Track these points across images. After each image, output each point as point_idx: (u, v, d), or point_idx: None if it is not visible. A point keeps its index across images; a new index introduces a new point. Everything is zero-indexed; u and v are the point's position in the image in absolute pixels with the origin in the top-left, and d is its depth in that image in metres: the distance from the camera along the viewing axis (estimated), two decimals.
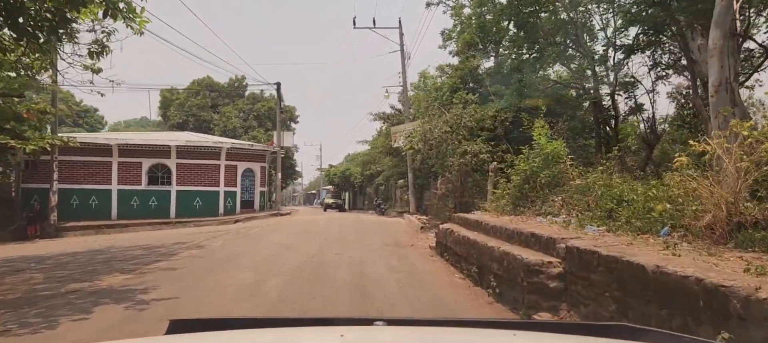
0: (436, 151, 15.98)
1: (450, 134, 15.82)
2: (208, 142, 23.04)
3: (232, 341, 1.52)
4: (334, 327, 1.60)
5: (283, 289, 6.85)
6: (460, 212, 16.09)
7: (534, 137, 9.32)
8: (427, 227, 16.35)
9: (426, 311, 5.84)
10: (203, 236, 15.65)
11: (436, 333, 1.64)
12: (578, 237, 5.27)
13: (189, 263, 9.37)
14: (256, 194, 24.98)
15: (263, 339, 1.50)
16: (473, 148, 15.26)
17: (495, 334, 1.59)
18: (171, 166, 22.43)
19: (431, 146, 15.99)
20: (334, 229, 16.69)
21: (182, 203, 22.48)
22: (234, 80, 39.03)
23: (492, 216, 9.44)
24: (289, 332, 1.61)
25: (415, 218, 21.29)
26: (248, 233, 16.16)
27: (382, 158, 29.37)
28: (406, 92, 24.54)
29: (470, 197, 15.97)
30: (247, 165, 24.43)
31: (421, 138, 16.27)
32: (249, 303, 6.08)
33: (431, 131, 15.80)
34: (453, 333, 1.66)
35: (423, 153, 16.53)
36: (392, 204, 34.30)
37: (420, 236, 14.63)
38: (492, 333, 1.62)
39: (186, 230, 18.96)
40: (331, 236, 14.40)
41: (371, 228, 17.42)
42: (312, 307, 5.89)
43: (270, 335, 1.54)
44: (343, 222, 20.51)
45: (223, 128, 35.64)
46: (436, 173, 22.66)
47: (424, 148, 16.21)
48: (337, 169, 46.94)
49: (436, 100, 21.05)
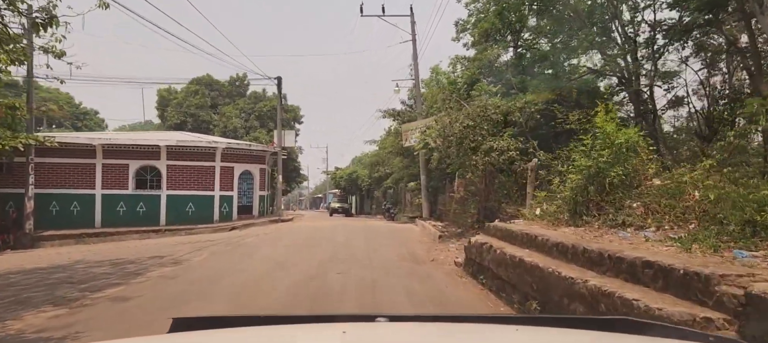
0: (457, 148, 13.82)
1: (472, 129, 13.66)
2: (202, 142, 21.04)
3: (235, 338, 1.50)
4: (336, 324, 1.56)
5: None
6: (484, 218, 13.94)
7: (597, 125, 7.14)
8: (446, 235, 14.20)
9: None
10: (190, 247, 13.63)
11: (438, 329, 1.63)
12: (750, 275, 3.10)
13: (150, 290, 7.29)
14: (254, 199, 22.94)
15: (266, 336, 1.49)
16: (500, 145, 13.10)
17: (497, 329, 1.57)
18: (161, 169, 20.45)
19: (451, 143, 13.84)
20: (339, 238, 14.58)
21: (173, 208, 20.48)
22: (235, 78, 37.12)
23: (543, 227, 7.28)
24: (292, 329, 1.60)
25: (429, 224, 19.14)
26: (241, 243, 14.10)
27: (391, 159, 27.26)
28: (418, 86, 22.41)
29: (496, 201, 13.80)
30: (244, 167, 22.40)
31: (440, 133, 14.11)
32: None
33: (451, 125, 13.65)
34: (455, 329, 1.65)
35: (440, 151, 14.39)
36: (402, 208, 32.14)
37: (439, 248, 12.48)
38: (494, 328, 1.59)
39: (174, 240, 16.95)
40: (335, 247, 12.29)
41: (381, 237, 15.29)
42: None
43: (272, 332, 1.54)
44: (349, 229, 18.41)
45: (223, 129, 33.70)
46: (452, 174, 20.60)
47: (443, 145, 14.06)
48: (343, 172, 44.87)
49: (453, 92, 18.95)
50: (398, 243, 13.55)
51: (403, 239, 14.77)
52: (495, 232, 8.20)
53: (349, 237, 15.11)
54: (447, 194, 21.09)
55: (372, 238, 14.86)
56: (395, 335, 1.48)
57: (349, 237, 15.11)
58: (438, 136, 14.12)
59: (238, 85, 37.23)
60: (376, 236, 15.43)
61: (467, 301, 6.57)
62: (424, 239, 14.96)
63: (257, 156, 23.06)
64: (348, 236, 15.28)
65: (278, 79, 23.01)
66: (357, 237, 15.18)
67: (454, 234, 14.31)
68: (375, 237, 15.11)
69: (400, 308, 6.03)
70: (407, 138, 23.19)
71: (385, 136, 31.09)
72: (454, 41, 23.02)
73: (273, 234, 16.82)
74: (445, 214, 20.39)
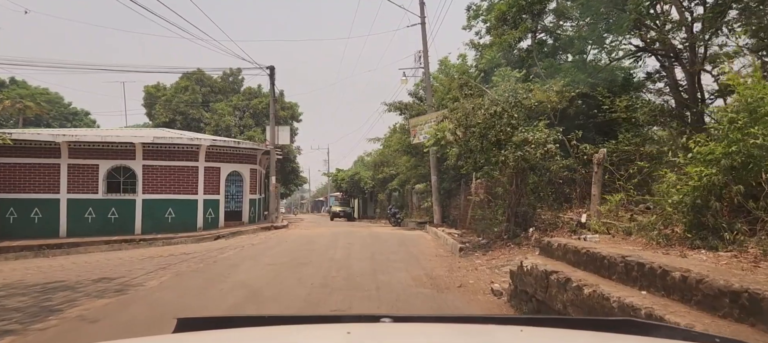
0: (480, 141, 11.26)
1: (499, 118, 11.11)
2: (183, 139, 18.54)
3: (240, 338, 1.49)
4: (341, 324, 1.57)
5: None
6: (515, 226, 11.37)
7: (737, 91, 4.57)
8: (468, 247, 11.64)
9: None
10: (157, 263, 11.16)
11: (442, 330, 1.62)
12: None
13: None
14: (244, 203, 20.42)
15: (270, 337, 1.48)
16: (537, 137, 10.55)
17: (502, 330, 1.56)
18: (136, 170, 17.97)
19: (472, 135, 11.28)
20: (338, 253, 12.04)
21: (150, 215, 17.99)
22: (228, 74, 34.67)
23: (645, 249, 4.71)
24: (297, 330, 1.59)
25: (442, 231, 16.59)
26: (219, 258, 11.59)
27: (397, 158, 24.72)
28: (428, 74, 19.87)
29: (529, 205, 11.23)
30: (233, 167, 19.89)
31: (460, 123, 11.54)
32: None
33: (474, 113, 11.10)
34: (460, 329, 1.64)
35: (460, 145, 11.82)
36: (408, 212, 29.57)
37: (463, 265, 9.92)
38: (499, 329, 1.58)
39: (147, 252, 14.46)
40: (332, 266, 9.75)
41: (389, 249, 12.75)
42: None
43: (277, 333, 1.53)
44: (351, 239, 15.87)
45: (215, 127, 31.24)
46: (468, 174, 18.09)
47: (462, 138, 11.49)
48: (345, 174, 42.31)
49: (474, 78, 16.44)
50: (410, 258, 11.01)
51: (416, 252, 12.22)
52: (562, 253, 5.62)
53: (350, 250, 12.57)
54: (462, 196, 18.53)
55: (378, 251, 12.31)
56: (400, 335, 1.46)
57: (350, 250, 12.57)
58: (457, 127, 11.55)
59: (232, 80, 34.79)
60: (383, 249, 12.88)
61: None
62: (441, 252, 12.39)
63: (247, 155, 20.55)
64: (349, 249, 12.74)
65: (271, 69, 20.54)
66: (360, 250, 12.63)
67: (477, 246, 11.75)
68: (381, 250, 12.56)
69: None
70: (416, 134, 20.66)
71: (390, 134, 28.56)
72: (466, 29, 20.47)
73: (261, 245, 14.29)
74: (461, 219, 17.83)
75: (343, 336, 1.35)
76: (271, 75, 20.52)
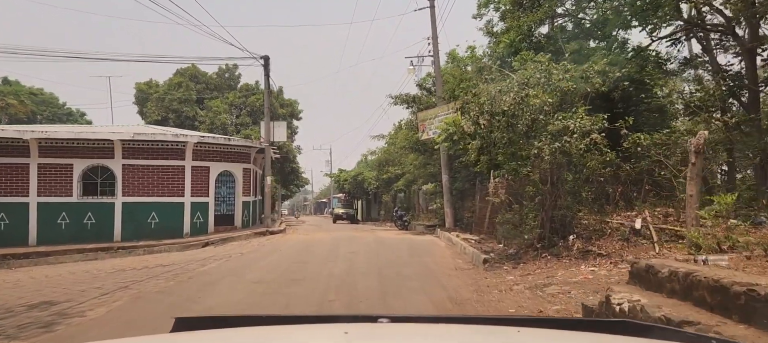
0: (508, 132, 9.37)
1: (527, 104, 9.23)
2: (167, 135, 16.73)
3: (238, 338, 1.48)
4: (338, 324, 1.56)
5: None
6: (551, 232, 9.47)
7: None
8: (493, 258, 9.74)
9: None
10: (120, 279, 9.36)
11: (440, 330, 1.61)
12: None
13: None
14: (237, 206, 18.58)
15: (267, 336, 1.47)
16: (578, 125, 8.66)
17: (499, 330, 1.55)
18: (115, 170, 16.17)
19: (498, 124, 9.38)
20: (339, 264, 10.18)
21: (131, 220, 16.19)
22: (224, 70, 32.91)
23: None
24: (294, 330, 1.58)
25: (457, 237, 14.72)
26: (199, 272, 9.77)
27: (403, 157, 22.84)
28: (438, 63, 17.99)
29: (568, 208, 9.32)
30: (224, 167, 18.07)
31: (482, 111, 9.63)
32: None
33: (501, 97, 9.21)
34: (457, 330, 1.64)
35: (482, 137, 9.92)
36: (415, 215, 27.70)
37: (491, 281, 8.04)
38: (496, 329, 1.57)
39: (122, 263, 12.68)
40: (330, 285, 7.89)
41: (399, 259, 10.88)
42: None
43: (274, 333, 1.52)
44: (354, 245, 14.02)
45: (210, 125, 29.47)
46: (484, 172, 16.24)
47: (487, 127, 9.57)
48: (347, 174, 40.45)
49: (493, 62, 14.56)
50: (426, 273, 9.13)
51: (431, 264, 10.35)
52: (683, 286, 3.67)
53: (352, 261, 10.71)
54: (477, 198, 16.64)
55: (386, 263, 10.44)
56: (397, 335, 1.46)
57: (352, 261, 10.71)
58: (479, 115, 9.64)
59: (228, 77, 33.03)
60: (392, 259, 11.01)
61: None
62: (460, 263, 10.51)
63: (240, 153, 18.72)
64: (351, 260, 10.87)
65: (265, 59, 18.70)
66: (364, 261, 10.77)
67: (505, 256, 9.86)
68: (390, 261, 10.69)
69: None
70: (424, 129, 18.80)
71: (395, 131, 26.71)
72: (476, 18, 18.62)
73: (251, 255, 12.45)
74: (478, 224, 15.95)
75: (340, 336, 1.32)
76: (266, 65, 18.68)
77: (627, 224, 8.81)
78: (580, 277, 7.50)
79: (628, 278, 4.62)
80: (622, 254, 8.29)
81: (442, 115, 17.81)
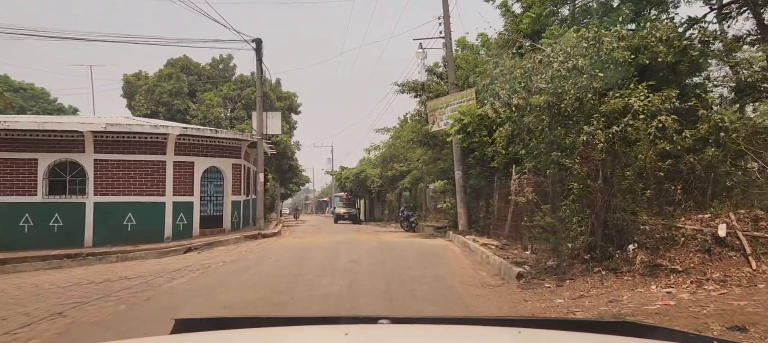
0: (548, 114, 7.44)
1: (574, 79, 7.30)
2: (145, 126, 14.84)
3: (238, 339, 1.47)
4: (339, 326, 1.57)
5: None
6: (604, 240, 7.54)
7: None
8: (530, 273, 7.79)
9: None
10: (65, 298, 7.59)
11: (441, 331, 1.61)
12: None
13: None
14: (225, 206, 16.70)
15: (268, 338, 1.45)
16: (643, 104, 6.72)
17: (500, 332, 1.55)
18: (86, 166, 14.31)
19: (536, 105, 7.44)
20: (337, 280, 8.27)
21: (104, 222, 14.33)
22: (218, 61, 31.06)
23: None
24: (294, 331, 1.57)
25: (474, 242, 12.82)
26: (160, 291, 7.91)
27: (409, 152, 20.91)
28: (450, 45, 16.05)
29: (626, 210, 7.37)
30: (211, 162, 16.19)
31: (513, 90, 7.68)
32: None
33: (541, 69, 7.27)
34: (458, 331, 1.63)
35: (515, 121, 7.99)
36: (421, 215, 25.79)
37: (534, 304, 6.14)
38: (497, 331, 1.58)
39: (84, 274, 10.84)
40: (325, 312, 5.99)
41: (410, 272, 8.97)
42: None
43: (274, 334, 1.51)
44: (356, 252, 12.13)
45: (202, 119, 27.60)
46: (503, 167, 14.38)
47: (522, 108, 7.62)
48: (349, 172, 38.53)
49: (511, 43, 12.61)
50: (447, 293, 7.23)
51: (450, 278, 8.44)
52: None
53: (353, 275, 8.80)
54: (496, 196, 14.71)
55: (395, 277, 8.53)
56: (398, 337, 1.45)
57: (353, 275, 8.80)
58: (513, 93, 7.68)
59: (223, 68, 31.17)
60: (401, 271, 9.09)
61: None
62: (485, 276, 8.60)
63: (229, 147, 16.83)
64: (352, 274, 8.96)
65: (257, 43, 16.79)
66: (368, 275, 8.86)
67: (542, 269, 7.93)
68: (399, 274, 8.78)
69: None
70: (435, 120, 16.88)
71: (399, 126, 24.79)
72: (488, 1, 16.65)
73: (234, 265, 10.56)
74: (498, 226, 14.03)
75: (341, 338, 1.31)
76: (258, 49, 16.78)
77: (706, 231, 6.87)
78: (657, 303, 5.59)
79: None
80: (706, 271, 6.39)
81: (455, 104, 15.91)
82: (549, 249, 10.18)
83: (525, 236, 11.56)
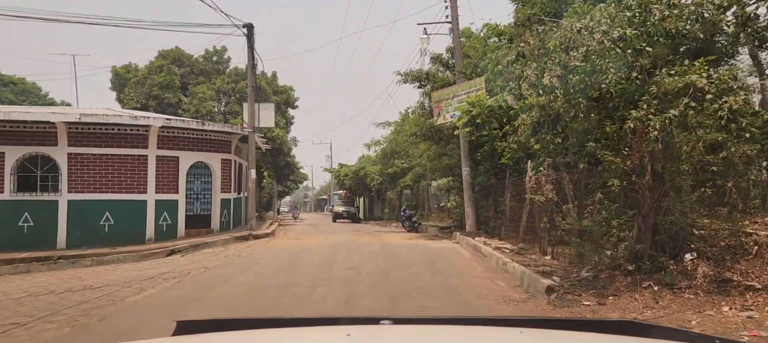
0: (586, 95, 6.19)
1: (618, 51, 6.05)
2: (124, 117, 13.55)
3: (240, 341, 1.47)
4: (341, 327, 1.57)
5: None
6: (653, 247, 6.28)
7: None
8: (563, 287, 6.53)
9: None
10: (13, 312, 6.26)
11: (442, 332, 1.60)
12: None
13: None
14: (214, 204, 15.45)
15: (270, 340, 1.46)
16: (705, 82, 5.46)
17: (502, 332, 1.55)
18: (59, 160, 13.05)
19: (574, 84, 6.18)
20: (332, 294, 7.02)
21: (80, 222, 13.08)
22: (211, 53, 29.80)
23: None
24: (296, 332, 1.58)
25: (485, 245, 11.59)
26: (126, 304, 6.71)
27: (413, 146, 19.64)
28: (457, 30, 14.76)
29: (681, 212, 6.10)
30: (197, 157, 14.93)
31: (544, 68, 6.41)
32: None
33: (582, 38, 5.99)
34: (460, 331, 1.62)
35: (544, 106, 6.72)
36: (423, 214, 24.53)
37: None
38: (499, 331, 1.57)
39: (49, 281, 9.64)
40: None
41: (418, 283, 7.72)
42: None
43: (275, 336, 1.51)
44: (355, 258, 10.89)
45: (194, 114, 26.32)
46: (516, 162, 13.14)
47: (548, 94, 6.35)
48: (348, 169, 37.27)
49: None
50: (466, 312, 5.98)
51: (467, 292, 7.19)
52: None
53: (353, 287, 7.55)
54: (507, 194, 13.44)
55: (402, 291, 7.27)
56: (400, 337, 1.45)
57: (353, 287, 7.55)
58: (542, 71, 6.41)
59: (216, 60, 29.90)
60: (409, 284, 7.84)
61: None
62: (505, 287, 7.35)
63: (218, 141, 15.56)
64: (351, 285, 7.70)
65: (248, 28, 15.49)
66: (369, 287, 7.61)
67: (576, 281, 6.68)
68: (406, 287, 7.52)
69: None
70: (440, 112, 15.62)
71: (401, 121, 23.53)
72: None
73: (215, 273, 9.30)
74: (510, 227, 12.77)
75: (342, 339, 1.31)
76: (249, 35, 15.48)
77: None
78: (744, 334, 4.34)
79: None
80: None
81: (463, 95, 14.66)
82: (573, 254, 8.96)
83: (544, 240, 10.32)
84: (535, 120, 7.00)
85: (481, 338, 1.46)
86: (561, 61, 5.98)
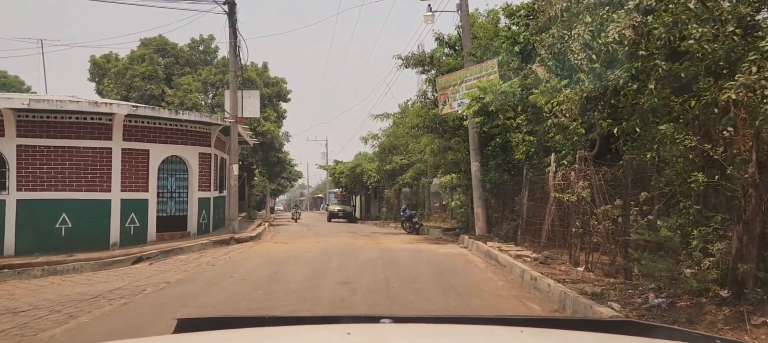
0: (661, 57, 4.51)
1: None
2: (82, 104, 11.75)
3: (239, 339, 1.45)
4: (341, 325, 1.53)
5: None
6: (757, 266, 4.58)
7: None
8: (628, 320, 4.82)
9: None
10: None
11: (443, 330, 1.58)
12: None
13: None
14: (191, 204, 13.69)
15: (270, 337, 1.45)
16: None
17: (502, 330, 1.54)
18: (6, 153, 11.27)
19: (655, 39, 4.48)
20: None
21: (31, 224, 11.31)
22: (198, 42, 27.98)
23: None
24: (296, 330, 1.56)
25: (501, 252, 9.90)
26: (43, 339, 4.90)
27: (416, 138, 17.91)
28: (466, 7, 13.04)
29: None
30: (171, 150, 13.17)
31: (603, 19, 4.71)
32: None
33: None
34: (460, 330, 1.60)
35: (599, 75, 5.03)
36: (424, 214, 22.83)
37: None
38: (500, 330, 1.56)
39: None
40: None
41: (431, 309, 5.99)
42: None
43: (277, 333, 1.50)
44: (350, 268, 9.17)
45: (179, 106, 24.47)
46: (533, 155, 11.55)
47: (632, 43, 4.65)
48: (344, 167, 35.54)
49: None
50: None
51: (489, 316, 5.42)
52: None
53: (346, 309, 5.82)
54: (524, 193, 11.73)
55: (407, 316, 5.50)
56: (400, 336, 1.43)
57: (346, 309, 5.82)
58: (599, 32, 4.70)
59: (203, 50, 28.08)
60: (415, 306, 6.11)
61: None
62: (536, 309, 5.62)
63: (195, 132, 13.80)
64: (344, 303, 5.96)
65: (228, 5, 13.72)
66: (366, 309, 5.89)
67: (643, 310, 4.97)
68: (416, 313, 5.79)
69: None
70: (446, 100, 13.91)
71: (401, 113, 21.82)
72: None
73: (178, 289, 7.56)
74: (529, 231, 11.06)
75: (343, 337, 1.30)
76: (231, 13, 13.68)
77: None
78: None
79: None
80: None
81: (472, 80, 12.95)
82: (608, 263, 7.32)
83: (575, 247, 8.64)
84: (585, 94, 5.31)
85: (481, 337, 1.46)
86: (639, 5, 4.24)
